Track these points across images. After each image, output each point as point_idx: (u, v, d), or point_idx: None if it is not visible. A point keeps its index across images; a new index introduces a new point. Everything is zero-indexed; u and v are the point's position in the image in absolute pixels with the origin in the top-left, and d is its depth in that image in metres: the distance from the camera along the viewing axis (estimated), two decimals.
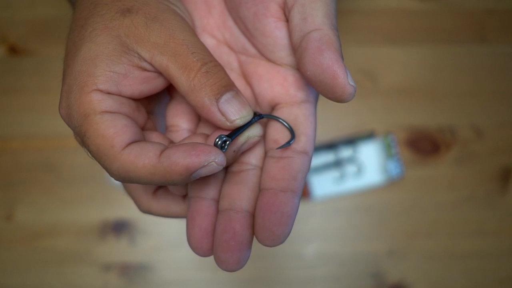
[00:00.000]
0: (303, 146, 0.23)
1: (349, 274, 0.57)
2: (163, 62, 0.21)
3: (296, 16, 0.22)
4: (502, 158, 0.60)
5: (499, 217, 0.59)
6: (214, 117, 0.21)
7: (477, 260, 0.58)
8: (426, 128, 0.61)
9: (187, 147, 0.19)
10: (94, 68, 0.21)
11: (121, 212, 0.57)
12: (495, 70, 0.62)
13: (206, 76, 0.21)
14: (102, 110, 0.20)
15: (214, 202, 0.24)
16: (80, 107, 0.20)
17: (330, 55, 0.20)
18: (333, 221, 0.58)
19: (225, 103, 0.21)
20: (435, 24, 0.63)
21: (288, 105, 0.24)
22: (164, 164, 0.19)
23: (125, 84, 0.21)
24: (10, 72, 0.59)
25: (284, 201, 0.21)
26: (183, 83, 0.21)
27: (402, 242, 0.58)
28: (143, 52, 0.21)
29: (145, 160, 0.19)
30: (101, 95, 0.20)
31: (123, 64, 0.21)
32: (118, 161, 0.20)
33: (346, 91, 0.20)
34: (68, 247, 0.56)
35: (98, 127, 0.20)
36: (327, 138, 0.59)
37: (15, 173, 0.58)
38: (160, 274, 0.56)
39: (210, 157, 0.19)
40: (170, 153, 0.19)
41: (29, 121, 0.59)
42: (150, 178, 0.20)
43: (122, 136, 0.20)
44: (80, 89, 0.20)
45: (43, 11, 0.61)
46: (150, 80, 0.22)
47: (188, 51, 0.21)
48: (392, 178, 0.58)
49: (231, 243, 0.21)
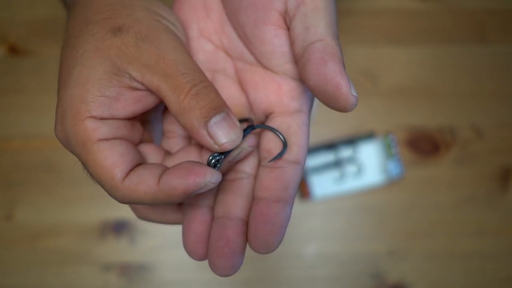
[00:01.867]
0: (295, 156, 0.23)
1: (349, 274, 0.57)
2: (154, 82, 0.21)
3: (298, 25, 0.22)
4: (502, 158, 0.60)
5: (499, 217, 0.59)
6: (202, 140, 0.21)
7: (477, 260, 0.58)
8: (426, 128, 0.61)
9: (183, 171, 0.20)
10: (85, 93, 0.21)
11: (121, 212, 0.57)
12: (495, 70, 0.63)
13: (196, 98, 0.21)
14: (98, 139, 0.21)
15: (209, 209, 0.24)
16: (76, 135, 0.21)
17: (333, 66, 0.20)
18: (333, 221, 0.58)
19: (214, 126, 0.21)
20: (435, 24, 0.63)
21: (281, 114, 0.24)
22: (163, 190, 0.20)
23: (118, 107, 0.22)
24: (10, 72, 0.59)
25: (277, 211, 0.22)
26: (173, 104, 0.21)
27: (402, 242, 0.58)
28: (134, 72, 0.21)
29: (145, 189, 0.20)
30: (95, 123, 0.21)
31: (114, 87, 0.21)
32: (120, 191, 0.21)
33: (349, 102, 0.20)
34: (68, 247, 0.56)
35: (96, 157, 0.21)
36: (327, 138, 0.59)
37: (15, 173, 0.58)
38: (160, 274, 0.56)
39: (206, 179, 0.20)
40: (168, 180, 0.20)
41: (29, 121, 0.59)
42: (152, 201, 0.21)
43: (121, 167, 0.21)
44: (74, 116, 0.21)
45: (43, 11, 0.61)
46: (142, 99, 0.22)
47: (178, 72, 0.21)
48: (392, 178, 0.58)
49: (225, 250, 0.22)
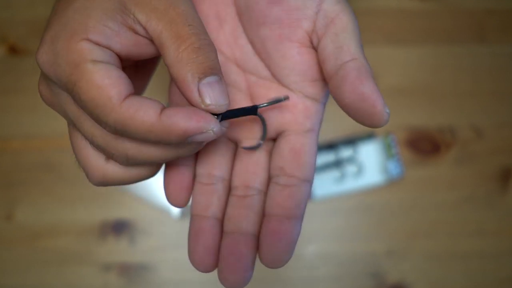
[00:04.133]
0: (307, 175, 0.24)
1: (349, 274, 0.57)
2: (157, 28, 0.20)
3: (329, 45, 0.22)
4: (502, 158, 0.60)
5: (499, 217, 0.59)
6: (190, 95, 0.20)
7: (477, 260, 0.58)
8: (426, 128, 0.61)
9: (188, 110, 0.19)
10: (87, 18, 0.20)
11: (121, 212, 0.57)
12: (495, 70, 0.63)
13: (197, 52, 0.20)
14: (94, 59, 0.19)
15: (217, 221, 0.24)
16: (68, 55, 0.19)
17: (370, 84, 0.21)
18: (333, 221, 0.58)
19: (206, 85, 0.20)
20: (435, 24, 0.63)
21: (295, 133, 0.25)
22: (164, 123, 0.19)
23: (116, 40, 0.20)
24: (10, 72, 0.59)
25: (289, 229, 0.23)
26: (171, 52, 0.20)
27: (402, 242, 0.58)
28: (140, 15, 0.21)
29: (144, 117, 0.19)
30: (91, 45, 0.20)
31: (117, 22, 0.20)
32: (116, 114, 0.19)
33: (383, 119, 0.21)
34: (68, 247, 0.56)
35: (93, 76, 0.19)
36: (327, 138, 0.59)
37: (15, 173, 0.58)
38: (160, 274, 0.56)
39: (209, 125, 0.19)
40: (171, 114, 0.19)
41: (29, 121, 0.59)
42: (146, 134, 0.19)
43: (119, 88, 0.19)
44: (70, 37, 0.20)
45: (43, 11, 0.61)
46: (140, 45, 0.21)
47: (186, 22, 0.20)
48: (392, 178, 0.58)
49: (238, 265, 0.23)
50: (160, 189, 0.56)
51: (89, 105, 0.19)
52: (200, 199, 0.25)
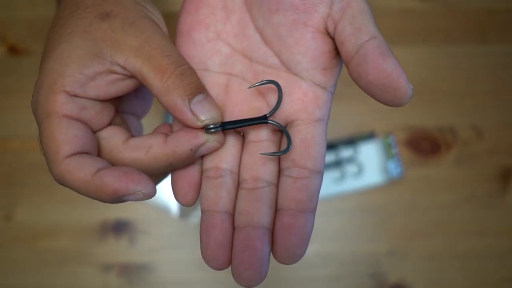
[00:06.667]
0: (319, 166, 0.24)
1: (349, 274, 0.57)
2: (137, 65, 0.22)
3: (347, 27, 0.23)
4: (502, 158, 0.60)
5: (499, 217, 0.59)
6: (185, 117, 0.22)
7: (477, 260, 0.58)
8: (426, 128, 0.61)
9: (120, 172, 0.21)
10: (65, 67, 0.22)
11: (121, 212, 0.57)
12: (496, 70, 0.62)
13: (180, 78, 0.22)
14: (63, 114, 0.21)
15: (228, 216, 0.24)
16: (45, 106, 0.22)
17: (392, 60, 0.21)
18: (333, 221, 0.58)
19: (197, 104, 0.22)
20: (435, 24, 0.63)
21: (305, 122, 0.25)
22: (95, 182, 0.21)
23: (91, 85, 0.22)
24: (10, 72, 0.59)
25: (304, 222, 0.23)
26: (156, 84, 0.22)
27: (402, 242, 0.58)
28: (118, 55, 0.22)
29: (80, 174, 0.21)
30: (66, 98, 0.22)
31: (94, 67, 0.22)
32: (58, 168, 0.21)
33: (407, 94, 0.21)
34: (68, 247, 0.56)
35: (53, 129, 0.21)
36: (327, 138, 0.59)
37: (15, 173, 0.58)
38: (160, 274, 0.56)
39: (138, 188, 0.21)
40: (103, 174, 0.21)
41: (29, 121, 0.58)
42: (83, 190, 0.21)
43: (69, 146, 0.21)
44: (49, 88, 0.22)
45: (43, 11, 0.61)
46: (117, 83, 0.23)
47: (163, 54, 0.22)
48: (392, 178, 0.58)
49: (253, 260, 0.22)
50: (160, 189, 0.56)
51: (44, 153, 0.22)
52: (209, 194, 0.24)
